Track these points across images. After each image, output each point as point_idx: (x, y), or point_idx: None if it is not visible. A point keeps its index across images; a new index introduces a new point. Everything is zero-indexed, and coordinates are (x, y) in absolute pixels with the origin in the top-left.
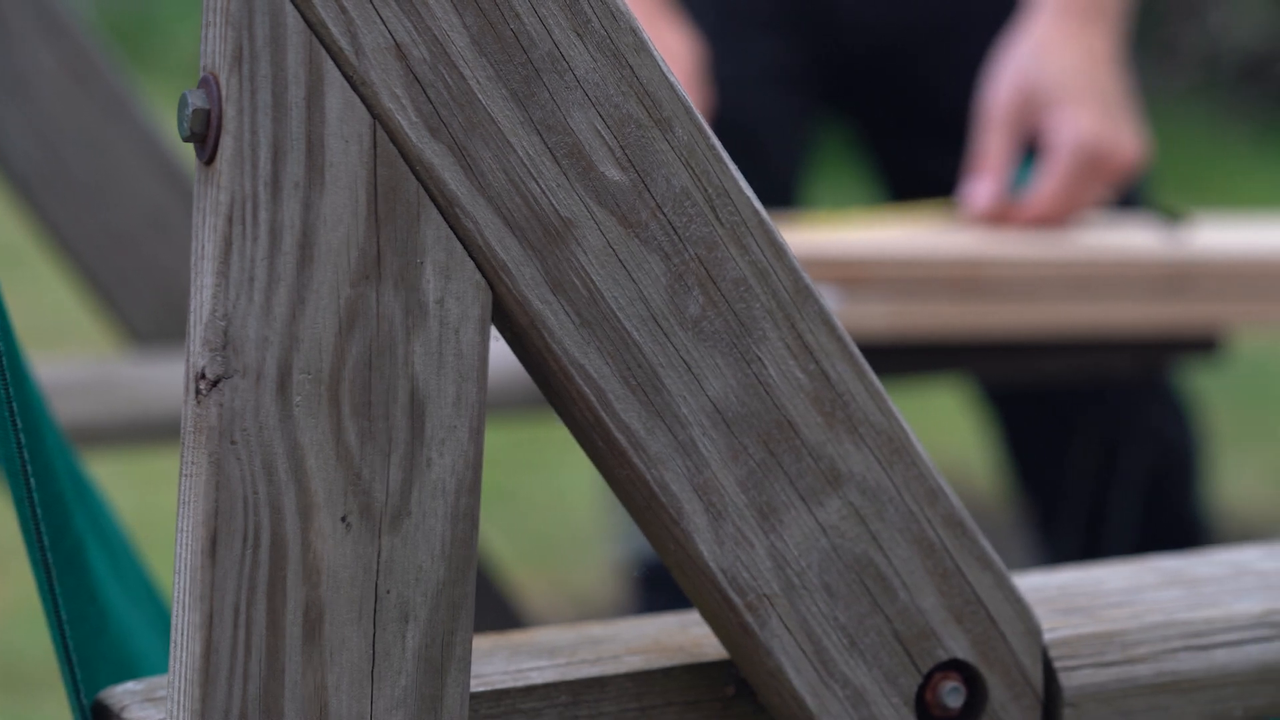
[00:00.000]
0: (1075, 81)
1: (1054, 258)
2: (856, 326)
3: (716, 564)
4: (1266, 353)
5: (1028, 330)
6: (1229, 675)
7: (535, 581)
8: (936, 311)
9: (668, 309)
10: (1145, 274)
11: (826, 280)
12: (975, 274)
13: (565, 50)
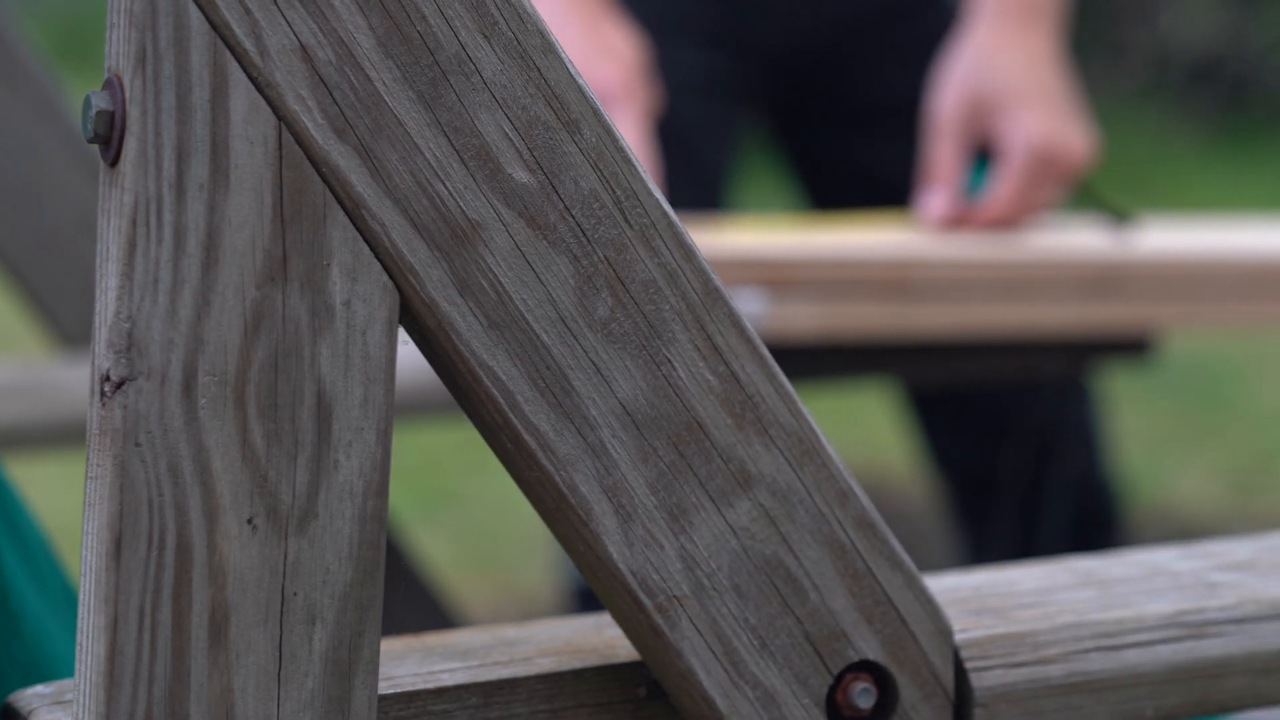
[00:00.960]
0: (1021, 84)
1: (982, 259)
2: (785, 329)
3: (626, 565)
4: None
5: (957, 332)
6: (1140, 675)
7: (481, 584)
8: (865, 313)
9: (576, 311)
10: (1075, 275)
11: (755, 283)
12: (903, 276)
13: (472, 52)
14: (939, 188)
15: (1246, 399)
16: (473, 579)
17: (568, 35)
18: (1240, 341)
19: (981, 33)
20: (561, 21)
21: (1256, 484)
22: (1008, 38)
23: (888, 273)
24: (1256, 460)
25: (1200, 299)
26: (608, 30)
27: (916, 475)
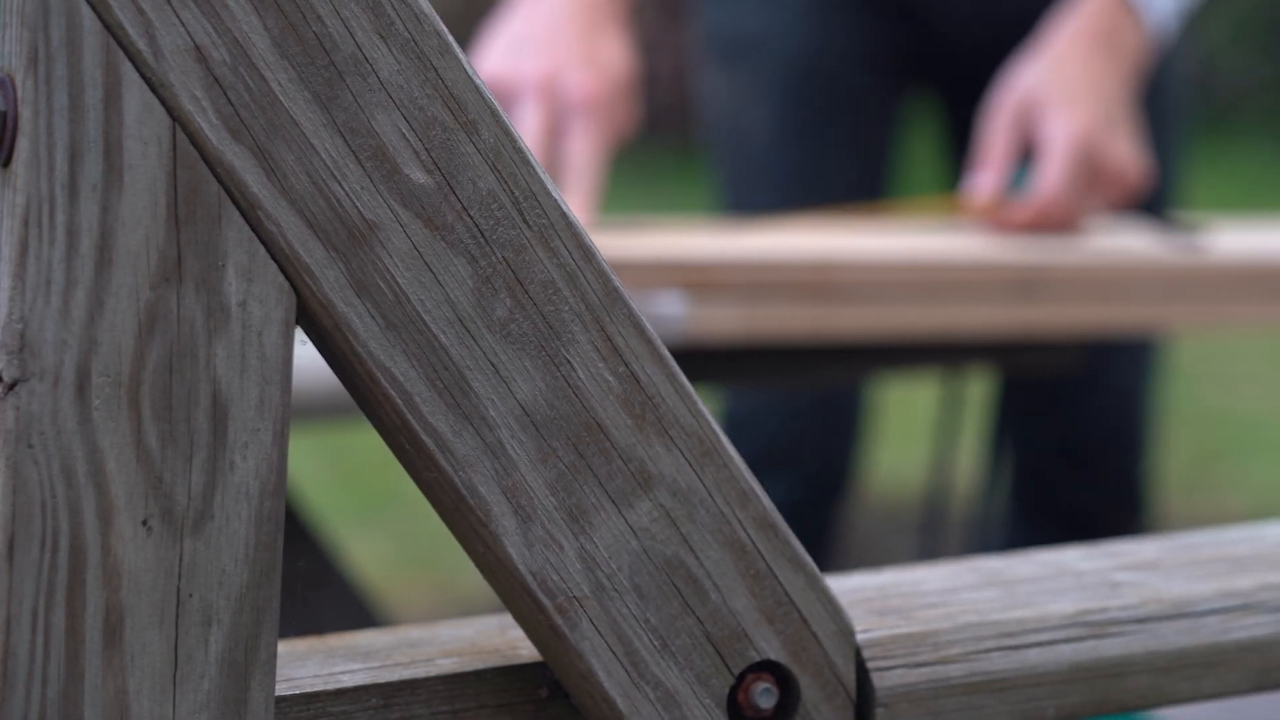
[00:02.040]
0: (1074, 88)
1: (903, 262)
2: (707, 330)
3: (525, 566)
4: None
5: (879, 333)
6: (1041, 675)
7: (420, 585)
8: (787, 315)
9: (475, 312)
10: (996, 278)
11: (675, 285)
12: (825, 278)
13: (369, 53)
14: (986, 172)
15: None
16: (412, 580)
17: (561, 40)
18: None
19: (1054, 46)
20: (559, 25)
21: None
22: (1076, 53)
23: (808, 275)
24: (1201, 460)
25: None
26: (601, 41)
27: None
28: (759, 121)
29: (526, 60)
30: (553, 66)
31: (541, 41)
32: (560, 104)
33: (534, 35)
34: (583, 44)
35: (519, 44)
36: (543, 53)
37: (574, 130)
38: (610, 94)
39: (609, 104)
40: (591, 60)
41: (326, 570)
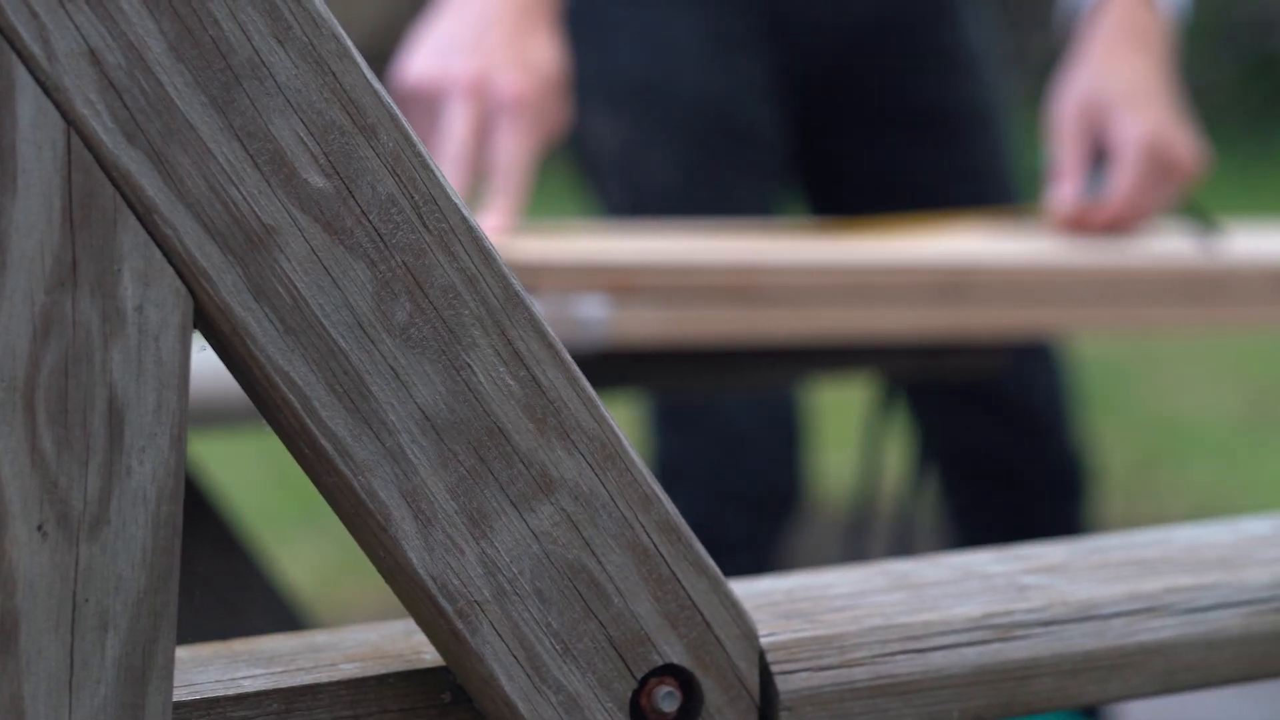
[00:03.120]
0: (1134, 89)
1: (825, 264)
2: (630, 333)
3: (426, 571)
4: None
5: (802, 336)
6: (946, 677)
7: (364, 588)
8: (710, 318)
9: (374, 316)
10: (919, 281)
11: (598, 288)
12: (747, 281)
13: (266, 57)
14: (1065, 184)
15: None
16: (355, 584)
17: (491, 39)
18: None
19: (1096, 52)
20: (489, 25)
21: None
22: (1121, 55)
23: (730, 279)
24: (1142, 464)
25: (1046, 304)
26: (531, 41)
27: None
28: (658, 164)
29: (455, 60)
30: (482, 66)
31: (470, 41)
32: (489, 104)
33: (463, 35)
34: (512, 44)
35: (448, 44)
36: (472, 52)
37: (502, 130)
38: (540, 94)
39: (538, 104)
40: (521, 60)
41: (253, 575)
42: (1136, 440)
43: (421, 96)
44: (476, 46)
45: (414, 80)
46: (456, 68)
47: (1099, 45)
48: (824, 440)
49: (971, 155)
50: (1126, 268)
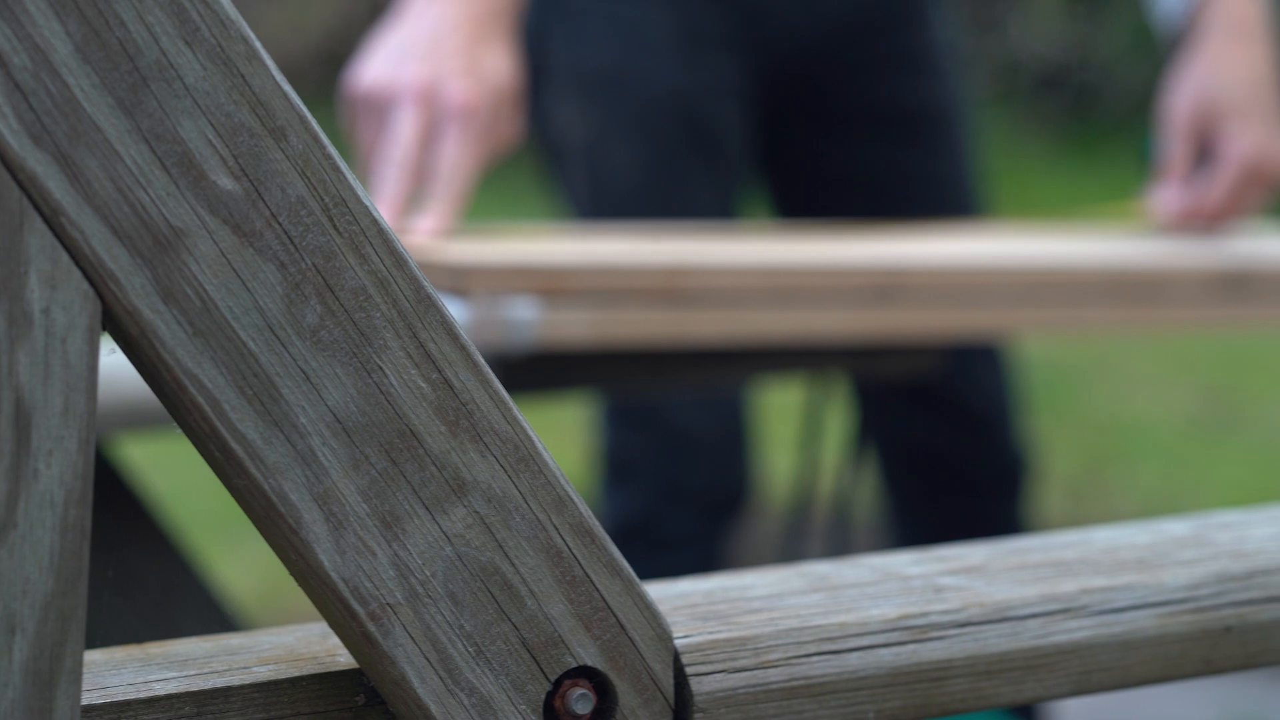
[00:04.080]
0: (1244, 97)
1: (755, 266)
2: (560, 336)
3: (338, 573)
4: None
5: (732, 338)
6: (861, 679)
7: None
8: (639, 320)
9: (284, 318)
10: (851, 283)
11: (527, 290)
12: (676, 284)
13: (174, 59)
14: (1171, 185)
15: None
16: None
17: (445, 48)
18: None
19: (1211, 47)
20: (444, 34)
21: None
22: (1235, 52)
23: (660, 280)
24: (1089, 465)
25: (977, 306)
26: (485, 52)
27: None
28: (621, 159)
29: (407, 67)
30: (433, 74)
31: (424, 49)
32: (437, 110)
33: (417, 43)
34: (466, 54)
35: (401, 51)
36: (424, 60)
37: (447, 137)
38: (490, 104)
39: (488, 114)
40: (473, 70)
41: (188, 579)
42: (1084, 442)
43: (372, 102)
44: (430, 55)
45: (365, 86)
46: (407, 74)
47: (1210, 41)
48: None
49: (937, 157)
50: (1059, 269)
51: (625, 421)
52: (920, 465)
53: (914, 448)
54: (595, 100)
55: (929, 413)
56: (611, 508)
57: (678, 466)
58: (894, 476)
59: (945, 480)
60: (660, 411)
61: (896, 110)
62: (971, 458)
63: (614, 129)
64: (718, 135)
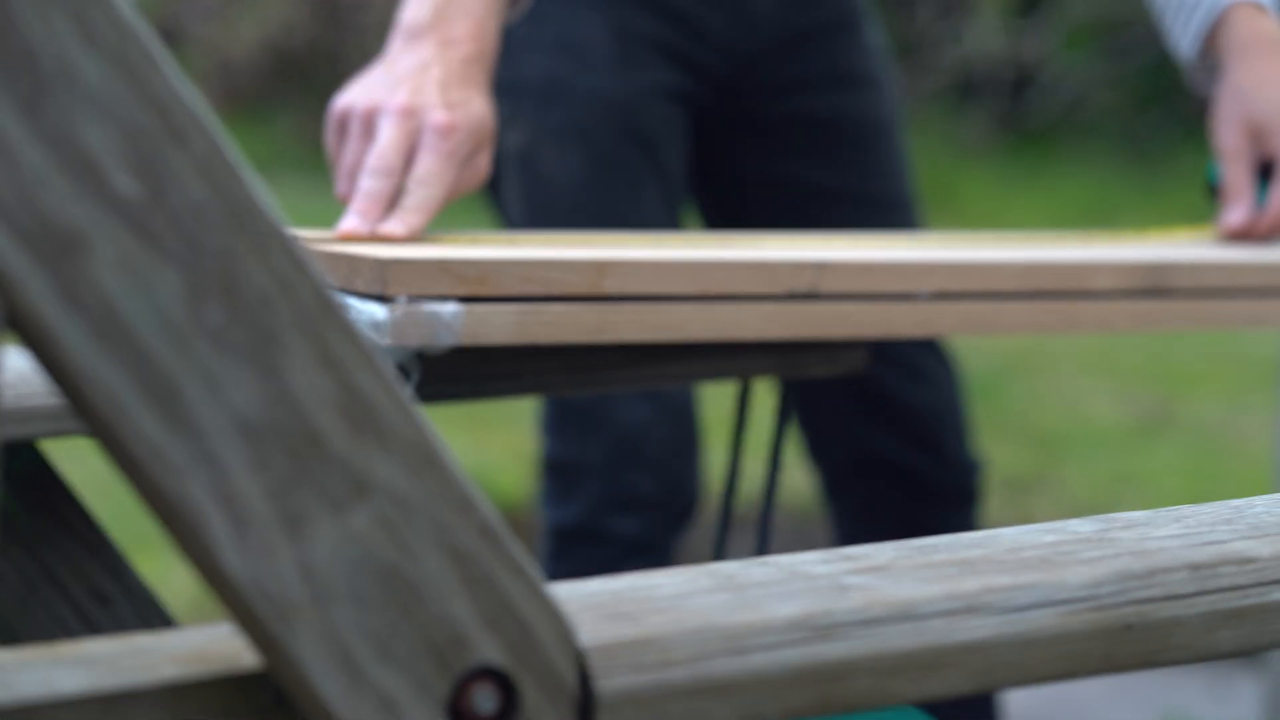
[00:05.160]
0: None
1: (678, 263)
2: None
3: (241, 575)
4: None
5: (656, 337)
6: (764, 678)
7: None
8: (563, 319)
9: (187, 321)
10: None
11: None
12: (600, 283)
13: (74, 62)
14: (1238, 205)
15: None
16: None
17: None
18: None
19: (1244, 68)
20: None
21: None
22: (1267, 68)
23: (583, 279)
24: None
25: (901, 302)
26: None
27: None
28: (557, 165)
29: (394, 92)
30: (416, 101)
31: (408, 84)
32: (418, 127)
33: (400, 77)
34: (445, 91)
35: (384, 82)
36: (408, 91)
37: (426, 149)
38: (468, 133)
39: (466, 141)
40: (455, 106)
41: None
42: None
43: (353, 118)
44: (413, 88)
45: (346, 104)
46: (393, 97)
47: (1242, 64)
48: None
49: (873, 170)
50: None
51: (571, 424)
52: (870, 472)
53: (864, 454)
54: (530, 108)
55: (879, 418)
56: (556, 510)
57: (626, 469)
58: (842, 483)
59: (897, 487)
60: (607, 413)
61: (835, 122)
62: (924, 465)
63: (549, 137)
64: (655, 143)
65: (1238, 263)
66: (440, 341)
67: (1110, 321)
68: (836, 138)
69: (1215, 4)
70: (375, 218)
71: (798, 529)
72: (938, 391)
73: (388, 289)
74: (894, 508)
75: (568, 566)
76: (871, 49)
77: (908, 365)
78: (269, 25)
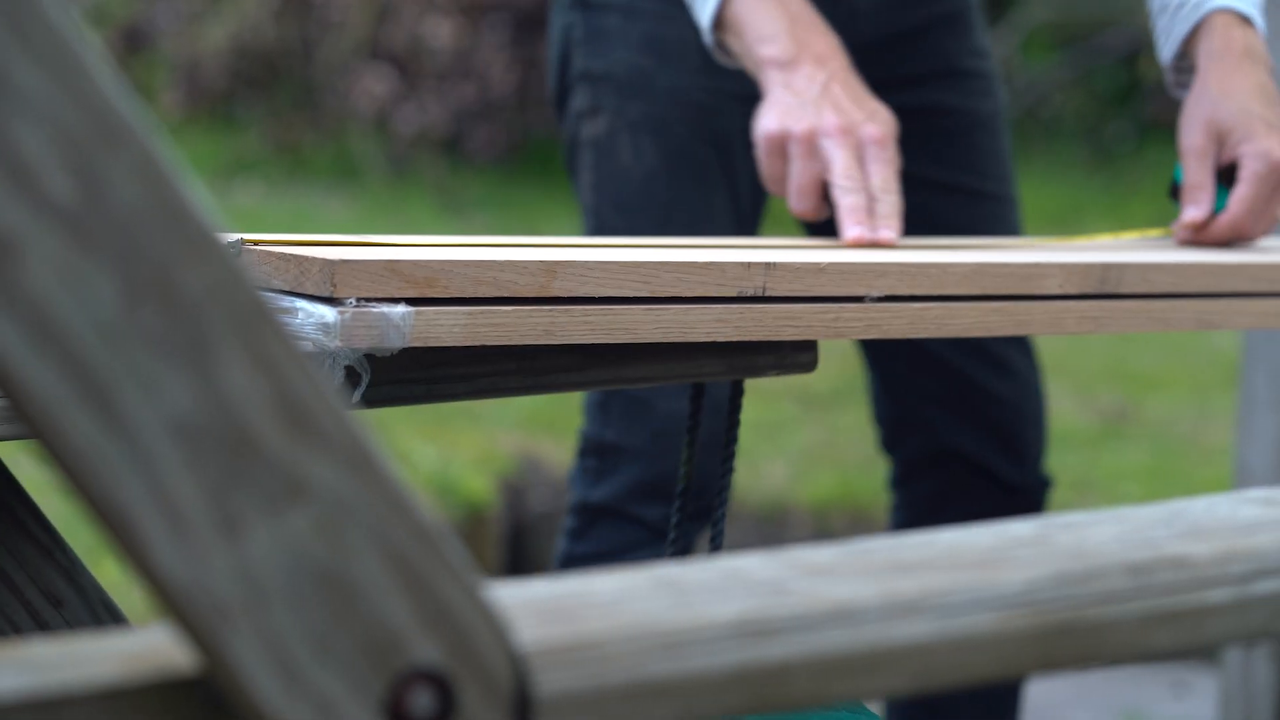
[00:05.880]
0: (1252, 114)
1: (630, 263)
2: (432, 335)
3: (177, 578)
4: None
5: (607, 338)
6: (702, 679)
7: None
8: (513, 320)
9: (122, 324)
10: (720, 280)
11: (400, 292)
12: (549, 283)
13: (8, 67)
14: (1197, 202)
15: None
16: None
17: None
18: None
19: (1212, 75)
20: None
21: None
22: (1238, 73)
23: (533, 281)
24: None
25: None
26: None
27: None
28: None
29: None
30: (845, 120)
31: (821, 104)
32: (859, 143)
33: (810, 101)
34: (860, 105)
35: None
36: (830, 111)
37: (873, 161)
38: (892, 138)
39: (892, 144)
40: (873, 115)
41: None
42: None
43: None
44: (833, 109)
45: (780, 129)
46: (822, 120)
47: (1212, 70)
48: None
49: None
50: (927, 266)
51: (617, 408)
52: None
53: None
54: (612, 99)
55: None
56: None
57: (662, 460)
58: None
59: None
60: (653, 403)
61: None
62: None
63: (627, 128)
64: (731, 146)
65: (1187, 264)
66: (390, 343)
67: (1060, 323)
68: (941, 130)
69: (1197, 10)
70: (871, 226)
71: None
72: (1023, 387)
73: (336, 291)
74: (963, 503)
75: (592, 545)
76: (983, 50)
77: (995, 358)
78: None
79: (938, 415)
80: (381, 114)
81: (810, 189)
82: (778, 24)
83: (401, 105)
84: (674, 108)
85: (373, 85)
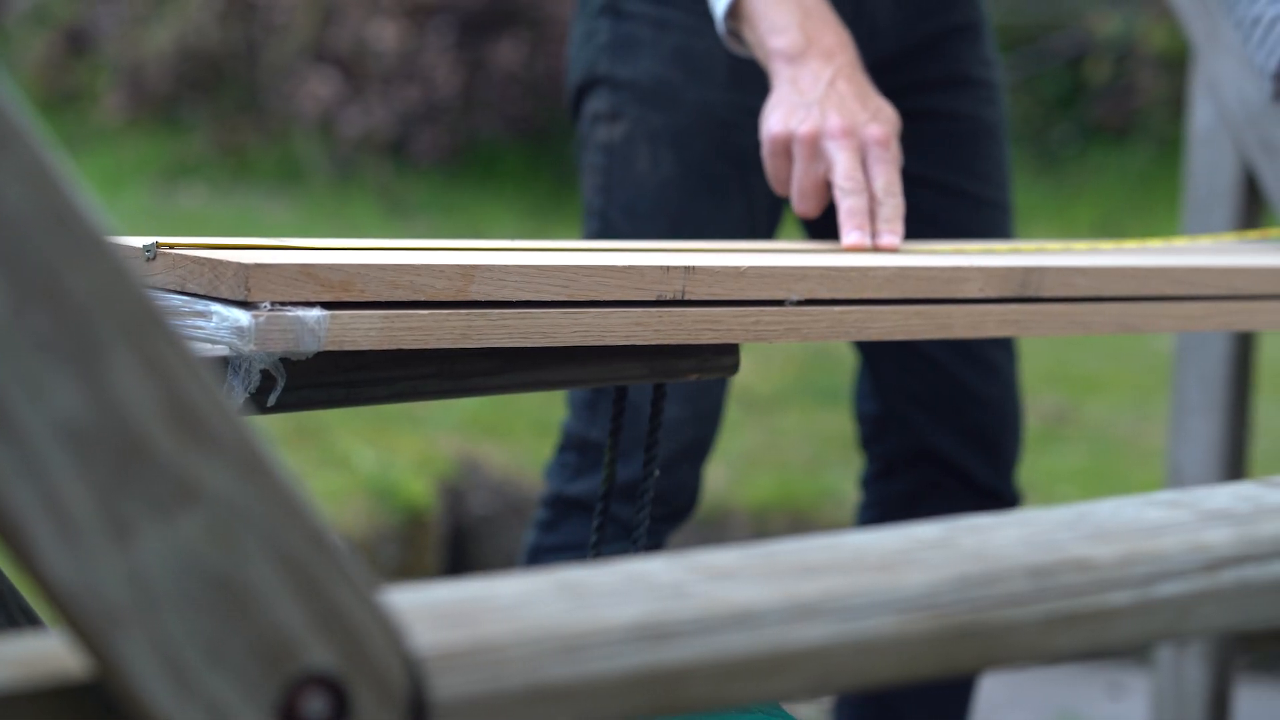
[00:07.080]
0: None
1: (548, 266)
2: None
3: (67, 583)
4: None
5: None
6: (601, 683)
7: None
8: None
9: (9, 327)
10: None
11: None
12: (465, 288)
13: None
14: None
15: None
16: None
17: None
18: None
19: None
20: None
21: None
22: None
23: (450, 284)
24: None
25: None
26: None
27: None
28: (653, 165)
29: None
30: (847, 121)
31: (825, 104)
32: (861, 142)
33: (814, 100)
34: (864, 104)
35: (799, 105)
36: (833, 112)
37: (877, 162)
38: (895, 137)
39: (896, 144)
40: (876, 114)
41: None
42: None
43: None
44: (836, 109)
45: (784, 130)
46: (825, 121)
47: None
48: None
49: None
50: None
51: (604, 408)
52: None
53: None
54: (634, 107)
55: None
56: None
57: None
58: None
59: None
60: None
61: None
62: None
63: (646, 137)
64: (749, 163)
65: (1109, 268)
66: (305, 347)
67: (982, 326)
68: (949, 135)
69: None
70: (870, 229)
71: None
72: (1005, 389)
73: (251, 295)
74: (935, 504)
75: (561, 538)
76: (991, 59)
77: (983, 361)
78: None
79: (921, 415)
80: (326, 117)
81: (813, 190)
82: (790, 16)
83: (346, 108)
84: (696, 121)
85: (317, 88)
